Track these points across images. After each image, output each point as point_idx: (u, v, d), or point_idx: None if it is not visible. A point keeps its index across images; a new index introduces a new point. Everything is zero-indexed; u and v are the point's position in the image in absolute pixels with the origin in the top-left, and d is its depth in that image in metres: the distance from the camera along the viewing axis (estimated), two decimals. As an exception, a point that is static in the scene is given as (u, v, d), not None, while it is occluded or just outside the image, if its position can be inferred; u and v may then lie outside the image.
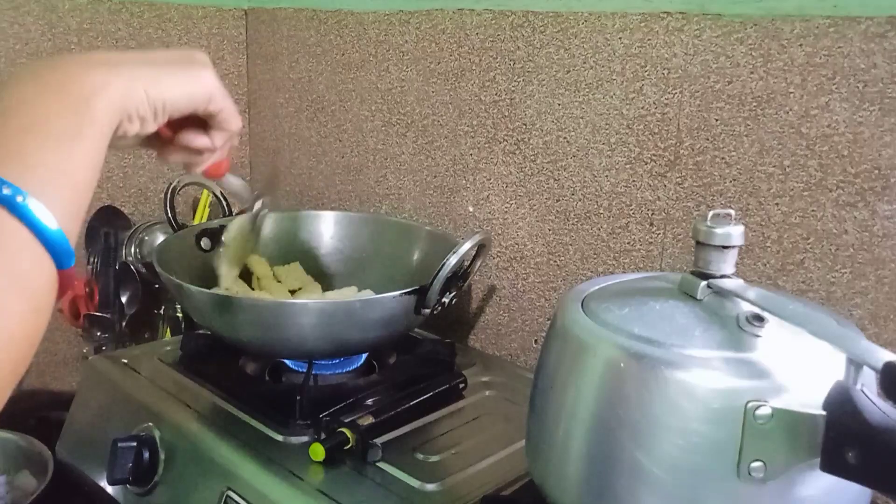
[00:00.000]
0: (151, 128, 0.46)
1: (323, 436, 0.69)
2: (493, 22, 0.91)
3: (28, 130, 0.38)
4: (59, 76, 0.41)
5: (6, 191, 0.36)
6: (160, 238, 1.10)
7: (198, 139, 0.53)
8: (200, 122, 0.52)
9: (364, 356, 0.87)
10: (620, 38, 0.80)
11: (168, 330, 1.12)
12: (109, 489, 0.77)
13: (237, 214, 0.91)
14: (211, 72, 0.49)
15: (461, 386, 0.83)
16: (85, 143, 0.40)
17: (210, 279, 0.83)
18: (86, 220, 1.13)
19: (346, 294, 0.93)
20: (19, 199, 0.36)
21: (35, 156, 0.38)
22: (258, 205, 0.78)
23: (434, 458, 0.70)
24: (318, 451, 0.67)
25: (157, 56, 0.47)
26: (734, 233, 0.50)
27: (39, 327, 0.38)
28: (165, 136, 0.51)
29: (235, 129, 0.54)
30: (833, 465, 0.41)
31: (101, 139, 0.42)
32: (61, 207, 0.38)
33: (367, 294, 0.91)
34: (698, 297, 0.51)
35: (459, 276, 0.82)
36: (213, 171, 0.58)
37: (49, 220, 0.37)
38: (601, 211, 0.85)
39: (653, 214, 0.81)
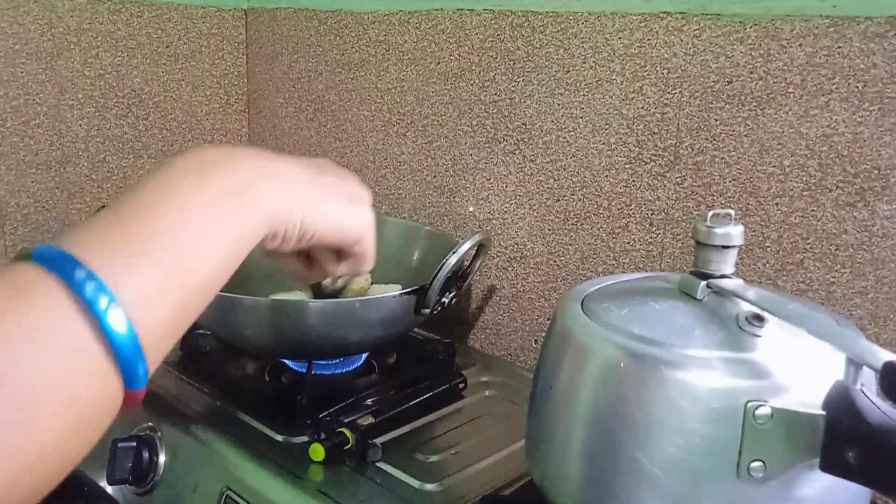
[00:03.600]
0: (288, 249, 0.43)
1: (323, 436, 0.69)
2: (493, 22, 0.91)
3: (163, 226, 0.35)
4: (227, 174, 0.38)
5: (90, 287, 0.30)
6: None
7: (329, 264, 0.51)
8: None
9: (364, 356, 0.87)
10: (620, 38, 0.80)
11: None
12: (109, 489, 0.77)
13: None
14: (371, 212, 0.48)
15: (461, 386, 0.83)
16: (223, 241, 0.37)
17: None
18: (85, 220, 1.13)
19: (358, 280, 0.93)
20: (102, 302, 0.30)
21: (151, 253, 0.34)
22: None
23: (434, 458, 0.70)
24: (317, 451, 0.67)
25: (329, 182, 0.45)
26: (734, 233, 0.50)
27: (82, 448, 0.33)
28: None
29: (364, 270, 0.52)
30: (833, 464, 0.41)
31: (242, 246, 0.39)
32: (156, 318, 0.33)
33: (396, 288, 0.90)
34: (698, 297, 0.51)
35: (459, 276, 0.82)
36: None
37: (128, 333, 0.31)
38: (601, 211, 0.85)
39: (653, 214, 0.81)
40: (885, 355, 0.40)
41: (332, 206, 0.44)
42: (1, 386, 0.29)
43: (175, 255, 0.35)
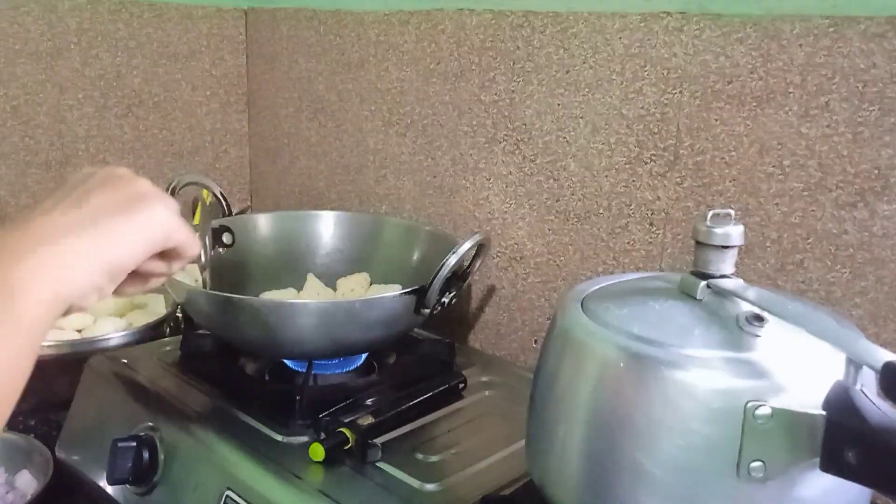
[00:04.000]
0: (111, 290, 0.42)
1: (323, 436, 0.69)
2: (493, 22, 0.91)
3: None
4: None
5: None
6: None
7: (156, 266, 0.48)
8: None
9: (364, 356, 0.87)
10: (620, 38, 0.80)
11: (168, 330, 1.12)
12: (109, 489, 0.77)
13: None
14: (160, 205, 0.44)
15: (461, 386, 0.83)
16: (7, 355, 0.35)
17: (209, 279, 0.83)
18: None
19: (358, 280, 0.93)
20: None
21: None
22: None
23: (434, 458, 0.70)
24: (317, 451, 0.67)
25: (101, 204, 0.41)
26: (734, 233, 0.50)
27: None
28: None
29: (194, 254, 0.49)
30: (833, 464, 0.41)
31: (29, 341, 0.37)
32: None
33: (396, 288, 0.90)
34: (698, 297, 0.51)
35: (459, 276, 0.82)
36: None
37: None
38: (601, 211, 0.85)
39: (653, 214, 0.81)
40: (885, 355, 0.40)
41: (117, 230, 0.42)
42: None
43: None
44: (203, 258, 0.79)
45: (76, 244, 0.39)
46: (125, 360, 0.88)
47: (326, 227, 1.04)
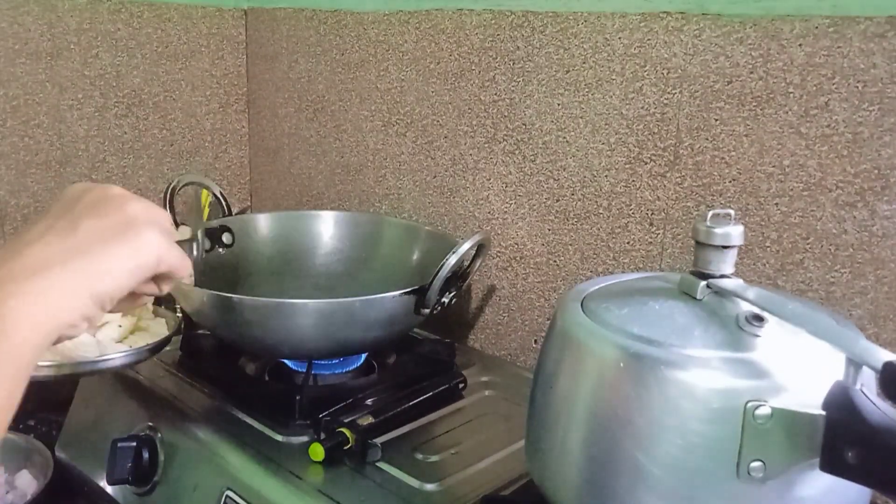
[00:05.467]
0: (101, 318, 0.42)
1: (323, 436, 0.69)
2: (493, 22, 0.91)
3: None
4: None
5: None
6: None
7: (146, 288, 0.48)
8: None
9: (364, 356, 0.87)
10: (620, 38, 0.80)
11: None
12: (109, 489, 0.77)
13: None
14: (151, 230, 0.44)
15: (461, 386, 0.83)
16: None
17: (209, 279, 0.83)
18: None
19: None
20: None
21: None
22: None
23: (434, 458, 0.70)
24: (317, 451, 0.67)
25: (91, 232, 0.41)
26: (734, 233, 0.50)
27: None
28: None
29: (184, 276, 0.49)
30: (832, 464, 0.41)
31: (17, 371, 0.37)
32: None
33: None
34: (698, 297, 0.51)
35: (459, 276, 0.82)
36: None
37: None
38: (601, 211, 0.85)
39: (652, 214, 0.81)
40: (885, 355, 0.40)
41: (107, 258, 0.41)
42: None
43: None
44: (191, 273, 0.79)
45: (66, 276, 0.39)
46: (125, 360, 0.88)
47: (326, 227, 1.04)
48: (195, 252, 0.61)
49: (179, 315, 0.85)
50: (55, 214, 0.43)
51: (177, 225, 1.00)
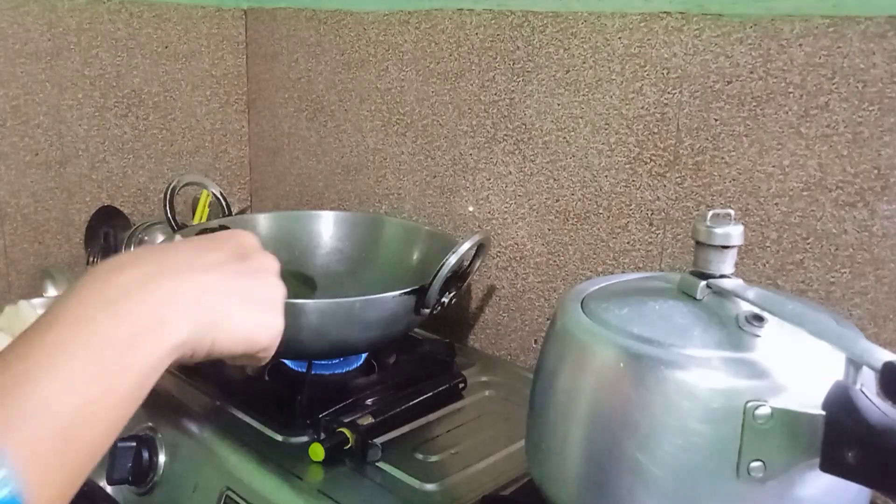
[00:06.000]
0: (191, 363, 0.43)
1: (322, 436, 0.69)
2: (493, 22, 0.91)
3: (61, 388, 0.33)
4: (140, 308, 0.37)
5: None
6: (160, 238, 1.10)
7: (227, 357, 0.48)
8: None
9: (364, 356, 0.87)
10: (620, 38, 0.80)
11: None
12: (109, 489, 0.77)
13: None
14: (280, 319, 0.45)
15: (461, 386, 0.83)
16: (127, 384, 0.37)
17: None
18: (85, 219, 1.13)
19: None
20: None
21: (49, 415, 0.33)
22: None
23: (434, 458, 0.70)
24: (317, 451, 0.67)
25: (246, 287, 0.42)
26: (734, 233, 0.50)
27: None
28: None
29: (261, 364, 0.49)
30: (832, 464, 0.41)
31: (144, 386, 0.38)
32: (49, 479, 0.32)
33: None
34: (698, 297, 0.51)
35: (459, 276, 0.82)
36: None
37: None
38: (601, 211, 0.85)
39: (652, 214, 0.81)
40: (885, 355, 0.40)
41: (244, 322, 0.42)
42: None
43: (73, 414, 0.34)
44: None
45: (211, 313, 0.40)
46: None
47: (326, 227, 1.04)
48: None
49: None
50: (227, 260, 0.43)
51: (177, 225, 1.00)
